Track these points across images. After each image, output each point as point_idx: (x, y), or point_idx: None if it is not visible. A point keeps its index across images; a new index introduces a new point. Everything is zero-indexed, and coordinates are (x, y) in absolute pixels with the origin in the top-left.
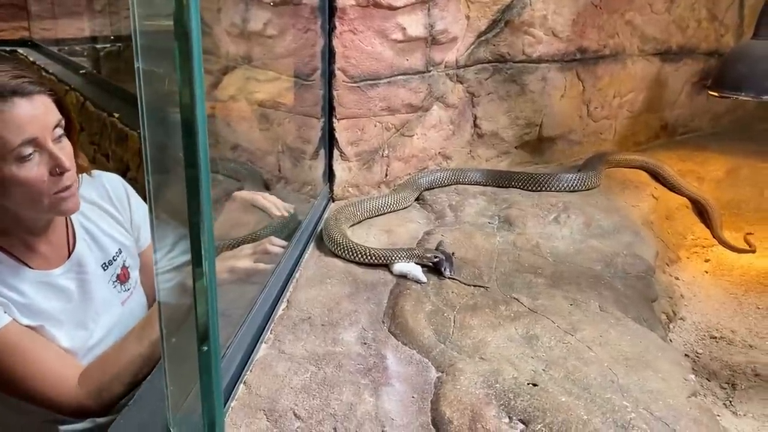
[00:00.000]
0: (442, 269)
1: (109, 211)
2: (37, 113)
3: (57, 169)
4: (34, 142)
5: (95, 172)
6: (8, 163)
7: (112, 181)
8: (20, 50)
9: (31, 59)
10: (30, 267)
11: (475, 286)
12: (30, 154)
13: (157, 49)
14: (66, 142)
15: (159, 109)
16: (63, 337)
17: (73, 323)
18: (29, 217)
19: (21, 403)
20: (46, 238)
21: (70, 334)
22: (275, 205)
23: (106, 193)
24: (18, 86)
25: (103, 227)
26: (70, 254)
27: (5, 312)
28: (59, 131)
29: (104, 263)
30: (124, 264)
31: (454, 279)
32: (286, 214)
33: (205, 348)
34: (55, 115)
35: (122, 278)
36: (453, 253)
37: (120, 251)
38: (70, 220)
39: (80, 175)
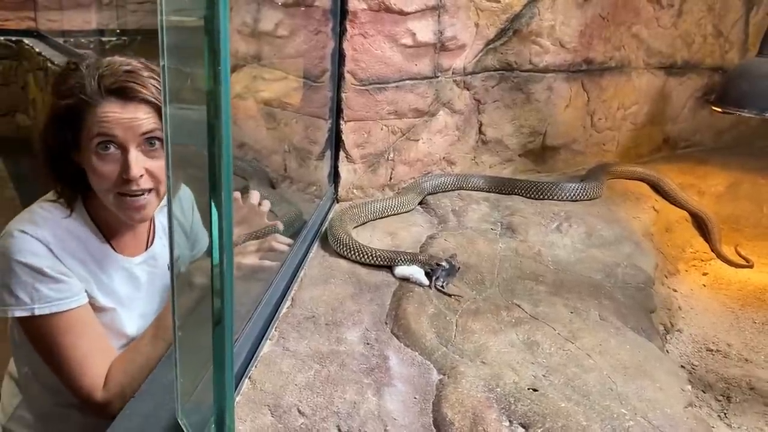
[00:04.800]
0: (434, 278)
1: (179, 218)
2: (124, 116)
3: (124, 174)
4: (113, 141)
5: None
6: (90, 151)
7: (184, 190)
8: (26, 40)
9: (37, 50)
10: (116, 251)
11: (450, 295)
12: (108, 150)
13: (182, 46)
14: (160, 155)
15: (182, 105)
16: (129, 323)
17: (138, 311)
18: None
19: (57, 386)
20: (133, 227)
21: (135, 321)
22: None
23: (179, 201)
24: (120, 89)
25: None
26: (147, 248)
27: (86, 290)
28: (154, 142)
29: (170, 263)
30: None
31: (440, 291)
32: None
33: (219, 332)
34: (148, 126)
35: None
36: (459, 268)
37: (179, 257)
38: (153, 217)
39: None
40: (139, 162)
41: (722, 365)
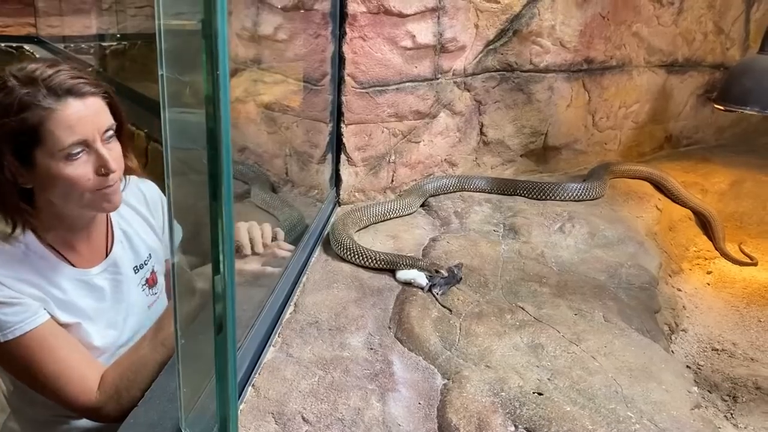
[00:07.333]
0: (432, 284)
1: (144, 216)
2: (88, 114)
3: (102, 170)
4: (84, 143)
5: (132, 178)
6: (57, 160)
7: (150, 187)
8: (26, 46)
9: (38, 56)
10: (71, 264)
11: (443, 305)
12: (78, 153)
13: (181, 53)
14: (115, 144)
15: (181, 112)
16: (96, 335)
17: (104, 322)
18: (71, 213)
19: (37, 398)
20: (87, 237)
21: (101, 332)
22: (253, 240)
23: (143, 197)
24: (73, 86)
25: (139, 231)
26: (107, 254)
27: (44, 308)
28: (110, 133)
29: (136, 266)
30: (153, 269)
31: (435, 298)
32: (260, 252)
33: (222, 340)
34: (107, 118)
35: (151, 282)
36: (461, 279)
37: (150, 256)
38: (111, 221)
39: (127, 177)
40: (110, 154)
41: (728, 365)
